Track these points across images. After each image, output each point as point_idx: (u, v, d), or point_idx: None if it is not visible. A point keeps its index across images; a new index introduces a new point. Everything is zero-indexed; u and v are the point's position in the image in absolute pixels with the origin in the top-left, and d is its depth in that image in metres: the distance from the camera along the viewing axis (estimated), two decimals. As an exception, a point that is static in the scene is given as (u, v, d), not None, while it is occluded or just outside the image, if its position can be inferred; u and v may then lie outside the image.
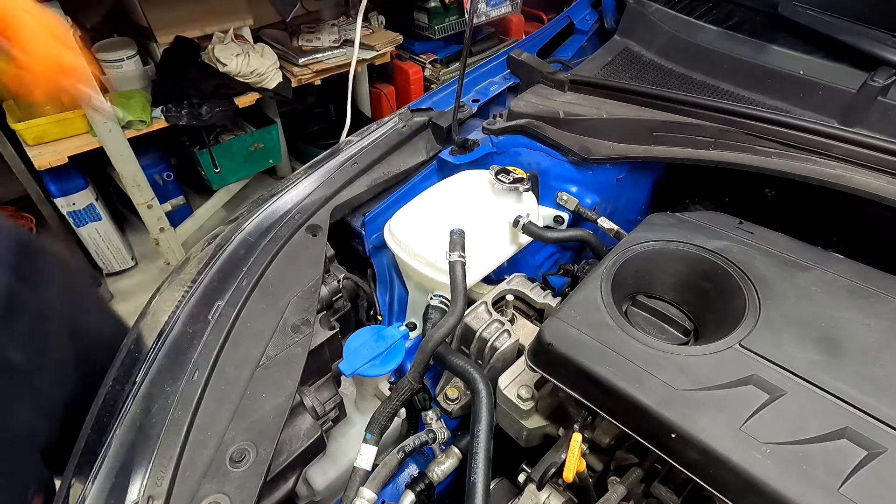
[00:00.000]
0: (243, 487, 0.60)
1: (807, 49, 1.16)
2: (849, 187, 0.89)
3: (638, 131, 1.08)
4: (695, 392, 0.59)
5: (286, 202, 0.97)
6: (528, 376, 0.79)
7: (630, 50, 1.36)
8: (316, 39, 2.62)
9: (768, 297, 0.69)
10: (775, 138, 0.97)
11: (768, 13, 1.25)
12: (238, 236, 0.89)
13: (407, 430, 0.98)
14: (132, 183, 2.18)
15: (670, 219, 0.86)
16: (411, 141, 1.14)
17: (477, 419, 0.72)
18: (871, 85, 1.00)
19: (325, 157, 1.09)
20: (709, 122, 1.02)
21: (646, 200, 1.30)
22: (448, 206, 1.01)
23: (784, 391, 0.58)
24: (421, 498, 0.77)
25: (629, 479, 0.68)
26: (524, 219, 0.96)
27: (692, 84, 1.22)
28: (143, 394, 0.68)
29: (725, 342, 0.64)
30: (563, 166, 1.12)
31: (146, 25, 2.19)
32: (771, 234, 0.82)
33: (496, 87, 1.32)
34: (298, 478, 0.72)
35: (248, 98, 2.35)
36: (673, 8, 1.35)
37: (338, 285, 0.90)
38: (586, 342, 0.66)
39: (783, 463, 0.52)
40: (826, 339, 0.63)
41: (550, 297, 0.94)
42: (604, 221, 1.05)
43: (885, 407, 0.55)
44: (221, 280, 0.82)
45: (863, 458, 0.52)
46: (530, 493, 0.71)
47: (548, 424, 0.78)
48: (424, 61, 3.07)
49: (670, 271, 0.80)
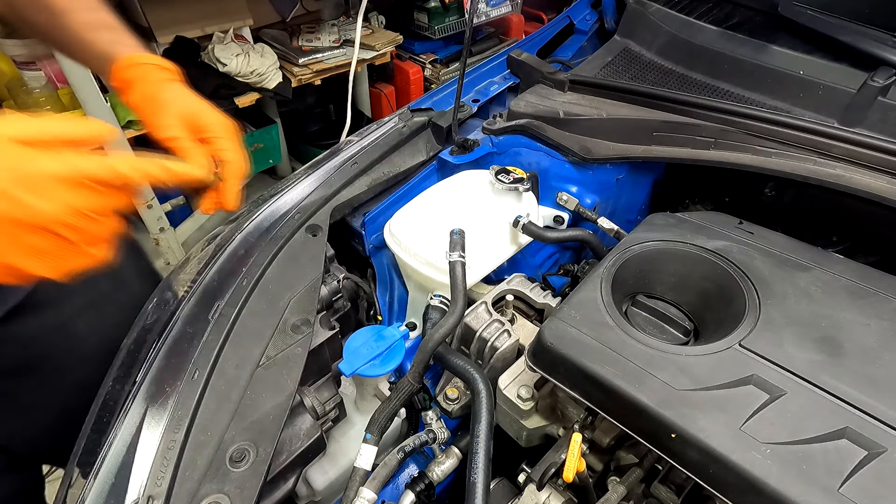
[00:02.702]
0: (243, 487, 0.60)
1: (807, 49, 1.16)
2: (849, 187, 0.89)
3: (638, 131, 1.08)
4: (695, 392, 0.59)
5: (286, 202, 0.97)
6: (528, 376, 0.79)
7: (630, 50, 1.36)
8: (316, 39, 2.62)
9: (768, 297, 0.69)
10: (775, 138, 0.97)
11: (768, 13, 1.25)
12: (238, 236, 0.89)
13: (407, 430, 0.98)
14: (132, 183, 2.18)
15: (670, 219, 0.86)
16: (411, 141, 1.14)
17: (477, 419, 0.72)
18: (871, 85, 1.00)
19: (325, 157, 1.09)
20: (709, 122, 1.02)
21: (646, 200, 1.30)
22: (448, 206, 1.01)
23: (784, 391, 0.58)
24: (421, 498, 0.77)
25: (629, 479, 0.68)
26: (524, 219, 0.96)
27: (692, 84, 1.22)
28: (143, 394, 0.68)
29: (725, 342, 0.64)
30: (563, 166, 1.12)
31: (146, 25, 2.19)
32: (771, 234, 0.82)
33: (496, 87, 1.32)
34: (298, 478, 0.72)
35: (248, 98, 2.35)
36: (673, 8, 1.35)
37: (338, 285, 0.90)
38: (586, 342, 0.66)
39: (783, 463, 0.52)
40: (826, 339, 0.63)
41: (550, 297, 0.94)
42: (604, 221, 1.05)
43: (885, 407, 0.55)
44: (221, 280, 0.82)
45: (863, 458, 0.52)
46: (530, 493, 0.71)
47: (548, 424, 0.78)
48: (424, 61, 3.07)
49: (670, 271, 0.80)
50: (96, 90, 1.91)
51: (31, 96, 1.89)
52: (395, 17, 3.02)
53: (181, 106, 0.68)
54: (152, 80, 0.70)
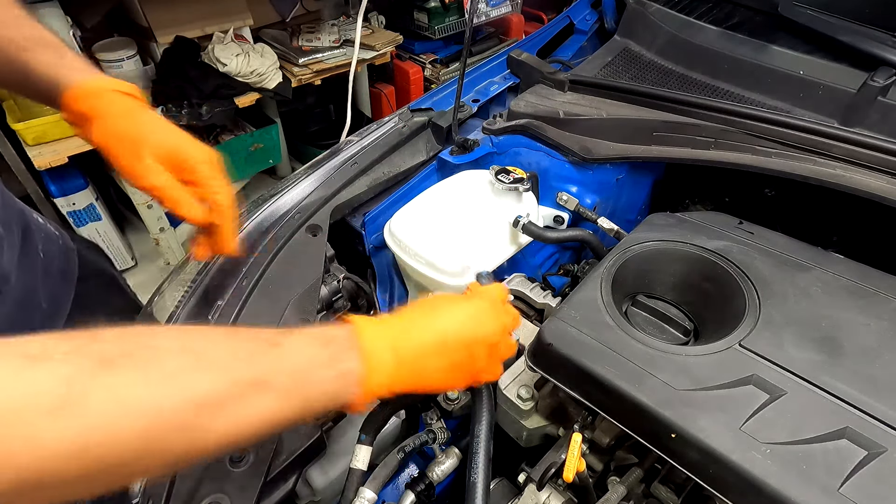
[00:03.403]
0: (243, 487, 0.60)
1: (807, 49, 1.16)
2: (849, 187, 0.89)
3: (638, 131, 1.08)
4: (695, 392, 0.59)
5: (286, 202, 0.97)
6: (528, 376, 0.79)
7: (630, 50, 1.36)
8: (316, 39, 2.62)
9: (768, 297, 0.69)
10: (775, 138, 0.97)
11: (768, 13, 1.25)
12: (238, 236, 0.89)
13: (406, 431, 0.98)
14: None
15: (670, 219, 0.86)
16: (411, 141, 1.14)
17: (477, 419, 0.72)
18: (871, 85, 1.00)
19: (325, 157, 1.09)
20: (709, 122, 1.02)
21: (646, 200, 1.30)
22: (448, 206, 1.01)
23: (784, 391, 0.58)
24: (421, 498, 0.77)
25: (629, 479, 0.68)
26: (524, 219, 0.96)
27: (692, 84, 1.22)
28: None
29: (725, 342, 0.64)
30: (563, 166, 1.12)
31: (146, 25, 2.19)
32: (771, 234, 0.82)
33: (496, 87, 1.32)
34: (298, 478, 0.72)
35: (248, 98, 2.35)
36: (673, 8, 1.35)
37: (338, 285, 0.90)
38: (586, 342, 0.66)
39: (783, 463, 0.52)
40: (826, 339, 0.63)
41: (550, 297, 0.94)
42: (604, 221, 1.05)
43: (885, 407, 0.55)
44: (221, 280, 0.82)
45: (863, 458, 0.52)
46: (530, 493, 0.71)
47: (548, 424, 0.78)
48: (424, 61, 3.07)
49: (670, 271, 0.80)
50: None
51: (31, 96, 1.89)
52: (395, 17, 3.02)
53: (159, 143, 0.60)
54: (118, 113, 0.59)
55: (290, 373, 0.42)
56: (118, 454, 0.31)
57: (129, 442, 0.31)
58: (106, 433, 0.30)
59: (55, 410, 0.28)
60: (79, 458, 0.29)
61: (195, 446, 0.36)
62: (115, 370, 0.31)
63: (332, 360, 0.45)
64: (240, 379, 0.38)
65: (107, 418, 0.30)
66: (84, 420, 0.29)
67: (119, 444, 0.31)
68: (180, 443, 0.34)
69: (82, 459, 0.29)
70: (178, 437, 0.34)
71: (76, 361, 0.30)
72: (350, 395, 0.46)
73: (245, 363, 0.39)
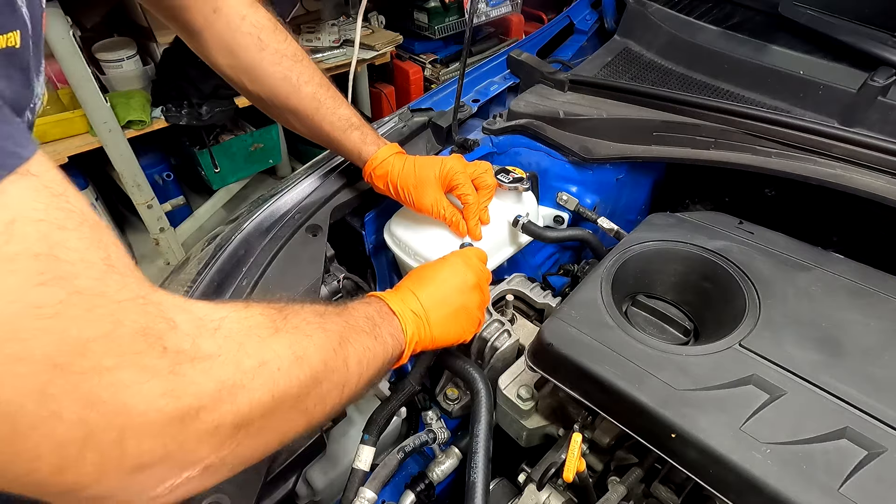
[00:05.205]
0: (243, 487, 0.60)
1: (807, 49, 1.16)
2: (849, 187, 0.89)
3: (638, 131, 1.08)
4: (695, 392, 0.59)
5: (286, 202, 0.96)
6: (528, 376, 0.79)
7: (630, 50, 1.36)
8: (316, 39, 2.62)
9: (768, 297, 0.69)
10: (775, 138, 0.97)
11: (768, 13, 1.24)
12: (238, 236, 0.89)
13: (407, 430, 0.98)
14: (132, 183, 2.18)
15: (670, 219, 0.86)
16: (411, 141, 1.14)
17: (477, 419, 0.72)
18: (871, 85, 1.00)
19: (325, 157, 1.09)
20: (709, 122, 1.02)
21: (646, 200, 1.30)
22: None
23: (784, 391, 0.58)
24: (421, 498, 0.77)
25: (629, 479, 0.68)
26: (524, 218, 0.96)
27: (692, 84, 1.22)
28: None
29: (725, 342, 0.64)
30: (563, 166, 1.12)
31: (146, 25, 2.19)
32: (771, 234, 0.82)
33: (496, 87, 1.31)
34: (298, 478, 0.72)
35: (248, 98, 2.35)
36: (673, 8, 1.35)
37: (338, 285, 0.90)
38: (586, 342, 0.66)
39: (783, 463, 0.52)
40: (826, 339, 0.63)
41: (550, 297, 0.94)
42: (604, 221, 1.05)
43: (885, 407, 0.55)
44: (221, 280, 0.82)
45: (863, 458, 0.52)
46: (530, 493, 0.71)
47: (548, 424, 0.78)
48: (424, 61, 3.07)
49: (670, 271, 0.80)
50: (96, 90, 1.91)
51: (31, 96, 1.89)
52: (395, 17, 3.02)
53: (430, 179, 0.87)
54: (399, 170, 0.88)
55: (359, 331, 0.56)
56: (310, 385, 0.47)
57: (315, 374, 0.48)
58: (303, 377, 0.46)
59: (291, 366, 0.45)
60: (298, 391, 0.46)
61: (340, 380, 0.51)
62: (299, 339, 0.48)
63: (384, 323, 0.61)
64: (342, 336, 0.53)
65: (301, 369, 0.46)
66: (300, 371, 0.45)
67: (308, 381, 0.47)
68: (335, 377, 0.50)
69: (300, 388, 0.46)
70: (331, 378, 0.50)
71: (289, 335, 0.47)
72: (400, 349, 0.62)
73: (337, 326, 0.54)
